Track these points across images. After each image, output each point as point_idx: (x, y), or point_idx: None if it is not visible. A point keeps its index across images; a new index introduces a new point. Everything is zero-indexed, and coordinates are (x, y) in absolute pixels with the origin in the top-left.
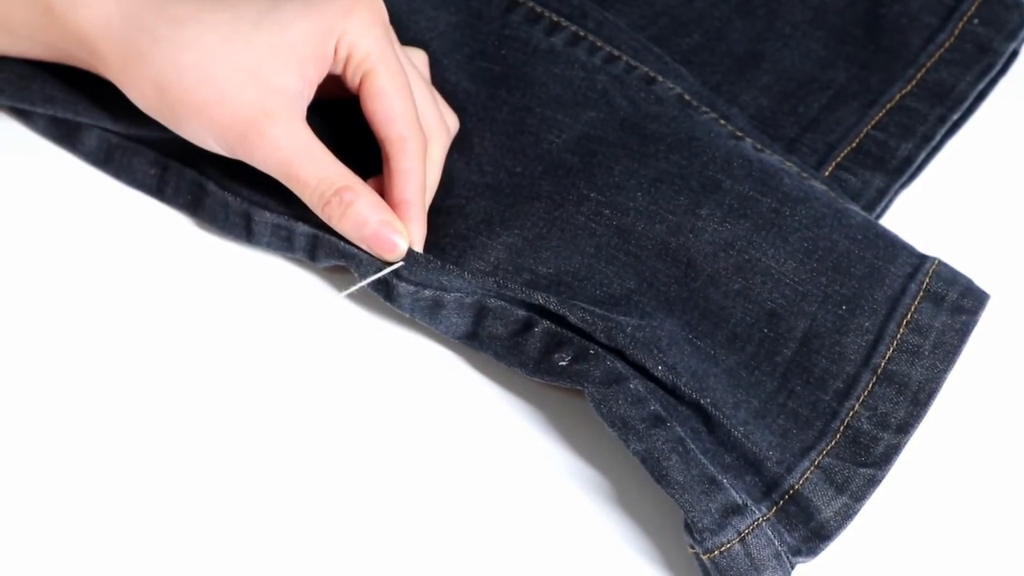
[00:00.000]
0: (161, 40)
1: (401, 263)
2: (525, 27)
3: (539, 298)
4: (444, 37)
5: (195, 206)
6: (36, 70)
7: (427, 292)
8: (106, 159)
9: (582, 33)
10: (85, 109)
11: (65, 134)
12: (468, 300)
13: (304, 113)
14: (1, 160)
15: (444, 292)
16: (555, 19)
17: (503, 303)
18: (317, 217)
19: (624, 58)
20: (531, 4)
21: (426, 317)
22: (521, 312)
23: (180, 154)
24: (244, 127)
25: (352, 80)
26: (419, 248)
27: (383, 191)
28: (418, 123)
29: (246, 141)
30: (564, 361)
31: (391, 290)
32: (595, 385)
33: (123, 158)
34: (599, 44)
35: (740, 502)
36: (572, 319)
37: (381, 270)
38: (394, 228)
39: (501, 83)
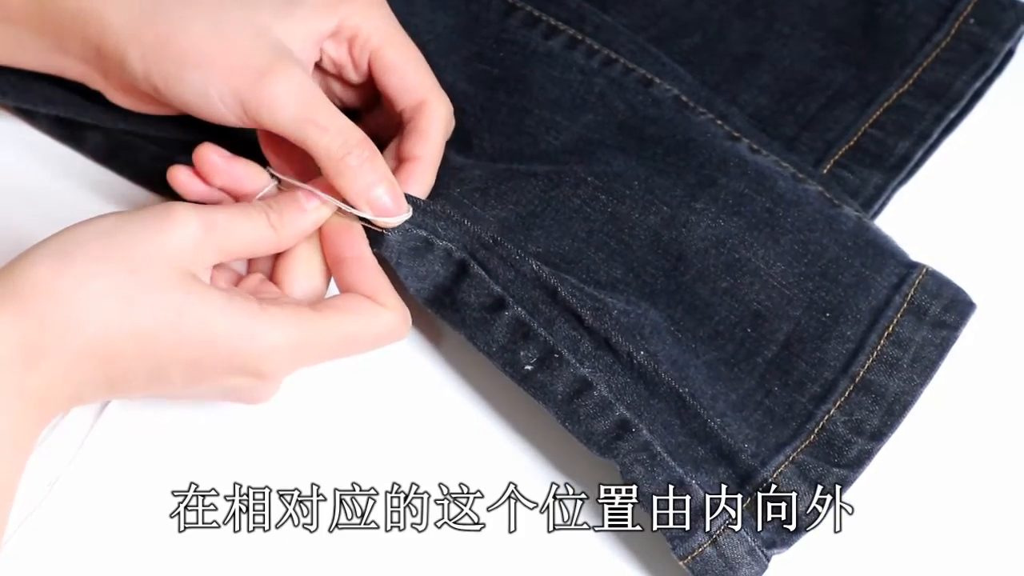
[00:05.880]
0: None
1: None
2: (523, 31)
3: (533, 264)
4: (442, 39)
5: None
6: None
7: (420, 232)
8: (110, 156)
9: (580, 36)
10: (85, 110)
11: (69, 132)
12: (456, 255)
13: None
14: (7, 158)
15: (436, 237)
16: (553, 23)
17: (483, 273)
18: None
19: (622, 60)
20: (529, 8)
21: (411, 261)
22: (496, 288)
23: (183, 148)
24: (255, 75)
25: (359, 61)
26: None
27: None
28: (438, 88)
29: (257, 90)
30: (529, 365)
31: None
32: (556, 404)
33: (127, 154)
34: (596, 47)
35: (709, 503)
36: (562, 292)
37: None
38: (398, 197)
39: (499, 85)
